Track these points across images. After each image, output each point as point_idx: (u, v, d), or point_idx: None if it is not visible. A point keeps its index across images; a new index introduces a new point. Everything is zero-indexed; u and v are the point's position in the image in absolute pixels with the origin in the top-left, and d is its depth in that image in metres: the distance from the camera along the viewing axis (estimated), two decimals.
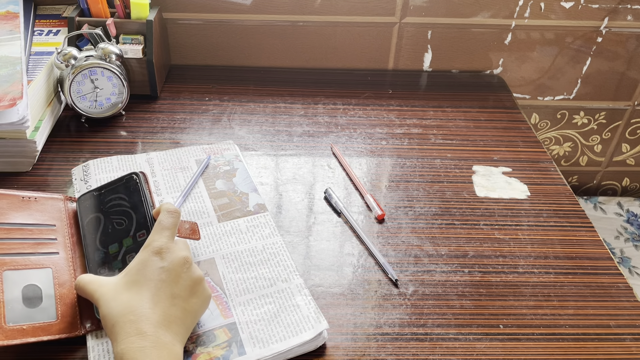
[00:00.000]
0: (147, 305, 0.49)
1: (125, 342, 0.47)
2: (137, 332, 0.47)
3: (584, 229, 0.74)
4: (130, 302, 0.49)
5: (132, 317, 0.48)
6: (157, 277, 0.51)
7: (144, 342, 0.46)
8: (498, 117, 0.95)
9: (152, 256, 0.53)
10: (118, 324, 0.48)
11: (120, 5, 0.89)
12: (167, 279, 0.51)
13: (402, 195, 0.78)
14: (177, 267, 0.52)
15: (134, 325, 0.47)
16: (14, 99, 0.72)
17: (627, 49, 1.08)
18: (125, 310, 0.49)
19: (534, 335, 0.60)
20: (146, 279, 0.51)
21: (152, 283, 0.51)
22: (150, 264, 0.52)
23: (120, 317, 0.48)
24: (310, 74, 1.05)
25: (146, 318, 0.48)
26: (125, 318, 0.48)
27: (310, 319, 0.58)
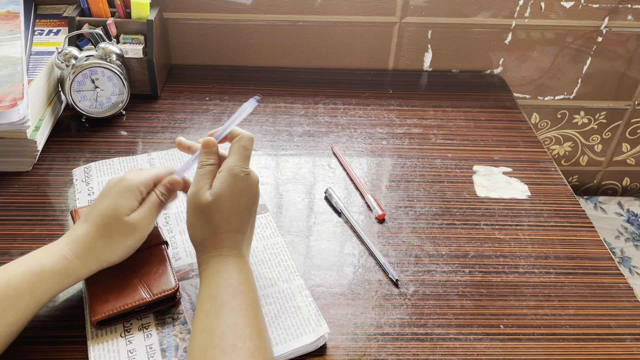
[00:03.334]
0: (233, 226, 0.57)
1: (214, 252, 0.56)
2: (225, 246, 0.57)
3: (585, 229, 0.74)
4: (219, 222, 0.57)
5: (223, 236, 0.57)
6: (242, 199, 0.58)
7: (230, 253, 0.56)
8: (498, 117, 0.95)
9: (240, 178, 0.57)
10: (210, 237, 0.57)
11: (120, 4, 0.89)
12: (248, 203, 0.59)
13: (402, 195, 0.78)
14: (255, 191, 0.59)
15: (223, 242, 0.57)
16: (14, 99, 0.72)
17: (628, 49, 1.08)
18: (217, 228, 0.57)
19: (534, 336, 0.60)
20: (233, 199, 0.57)
21: (238, 205, 0.58)
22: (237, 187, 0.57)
23: (212, 232, 0.57)
24: (311, 73, 1.05)
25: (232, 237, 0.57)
26: (217, 235, 0.57)
27: (310, 322, 0.58)
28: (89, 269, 0.56)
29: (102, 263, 0.57)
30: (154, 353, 0.55)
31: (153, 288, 0.58)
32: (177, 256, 0.65)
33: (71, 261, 0.54)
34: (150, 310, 0.58)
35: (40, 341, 0.57)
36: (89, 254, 0.55)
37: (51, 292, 0.54)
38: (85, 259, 0.55)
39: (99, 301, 0.56)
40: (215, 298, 0.52)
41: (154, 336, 0.56)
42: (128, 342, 0.56)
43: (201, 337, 0.49)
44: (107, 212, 0.56)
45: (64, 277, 0.54)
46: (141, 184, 0.59)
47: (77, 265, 0.55)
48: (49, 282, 0.53)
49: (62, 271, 0.54)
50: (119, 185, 0.58)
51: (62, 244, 0.55)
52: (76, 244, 0.55)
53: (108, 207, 0.57)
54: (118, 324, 0.57)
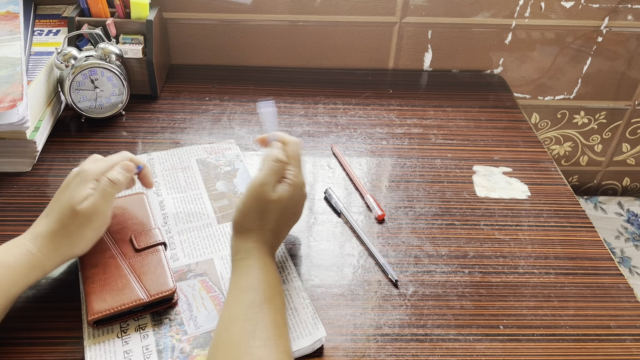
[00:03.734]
0: (278, 228, 0.60)
1: (260, 242, 0.58)
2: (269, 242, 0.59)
3: (585, 229, 0.74)
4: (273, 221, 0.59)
5: (268, 234, 0.59)
6: (294, 208, 0.62)
7: (271, 252, 0.59)
8: (498, 116, 0.95)
9: (299, 187, 0.61)
10: (261, 228, 0.58)
11: (120, 5, 0.89)
12: (296, 212, 0.63)
13: (402, 195, 0.78)
14: (302, 203, 0.64)
15: (269, 239, 0.59)
16: (14, 100, 0.72)
17: (628, 49, 1.08)
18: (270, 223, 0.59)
19: (534, 336, 0.60)
20: (289, 211, 0.61)
21: (290, 214, 0.62)
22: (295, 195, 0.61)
23: (264, 225, 0.59)
24: (311, 73, 1.05)
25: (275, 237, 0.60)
26: (267, 228, 0.59)
27: (307, 325, 0.58)
28: (53, 262, 0.57)
29: (64, 256, 0.57)
30: (150, 354, 0.55)
31: (150, 289, 0.58)
32: (175, 257, 0.65)
33: (35, 255, 0.55)
34: (147, 311, 0.58)
35: (37, 341, 0.57)
36: (50, 247, 0.56)
37: (19, 285, 0.54)
38: (48, 253, 0.56)
39: (96, 300, 0.56)
40: (258, 291, 0.53)
41: (151, 337, 0.56)
42: (124, 342, 0.56)
43: (243, 326, 0.49)
44: (62, 206, 0.57)
45: (30, 270, 0.55)
46: (98, 172, 0.59)
47: (42, 259, 0.55)
48: (16, 274, 0.54)
49: (27, 264, 0.54)
50: (77, 178, 0.59)
51: (25, 239, 0.56)
52: (38, 238, 0.56)
53: (63, 200, 0.57)
54: (115, 324, 0.57)
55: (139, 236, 0.63)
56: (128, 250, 0.62)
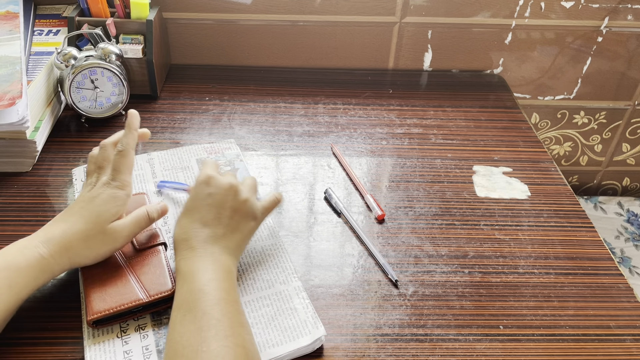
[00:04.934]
0: (197, 226, 0.58)
1: (180, 256, 0.56)
2: (188, 247, 0.56)
3: (585, 229, 0.74)
4: (185, 225, 0.58)
5: (185, 237, 0.57)
6: (205, 202, 0.59)
7: (193, 254, 0.56)
8: (498, 116, 0.95)
9: (200, 185, 0.61)
10: (176, 242, 0.58)
11: (120, 5, 0.89)
12: (213, 203, 0.59)
13: (402, 195, 0.78)
14: (222, 192, 0.60)
15: (186, 242, 0.57)
16: (13, 98, 0.72)
17: (628, 49, 1.08)
18: (180, 232, 0.58)
19: (534, 336, 0.60)
20: (196, 204, 0.59)
21: (201, 207, 0.59)
22: (199, 192, 0.60)
23: (177, 238, 0.58)
24: (311, 73, 1.05)
25: (195, 236, 0.57)
26: (180, 238, 0.58)
27: (307, 324, 0.58)
28: (62, 267, 0.56)
29: (73, 264, 0.57)
30: (150, 354, 0.55)
31: (150, 289, 0.58)
32: None
33: (46, 259, 0.55)
34: (147, 311, 0.58)
35: (37, 341, 0.57)
36: (63, 254, 0.56)
37: (28, 287, 0.54)
38: (59, 258, 0.56)
39: (96, 300, 0.56)
40: (182, 305, 0.52)
41: (151, 337, 0.56)
42: (124, 342, 0.56)
43: (168, 347, 0.49)
44: (89, 218, 0.57)
45: (39, 273, 0.55)
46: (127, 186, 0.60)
47: (52, 263, 0.55)
48: (26, 277, 0.54)
49: (37, 267, 0.54)
50: (106, 194, 0.59)
51: (37, 241, 0.56)
52: (52, 243, 0.56)
53: (92, 214, 0.57)
54: (115, 324, 0.57)
55: (140, 236, 0.63)
56: (128, 250, 0.62)
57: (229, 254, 0.58)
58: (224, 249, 0.57)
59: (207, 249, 0.56)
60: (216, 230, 0.58)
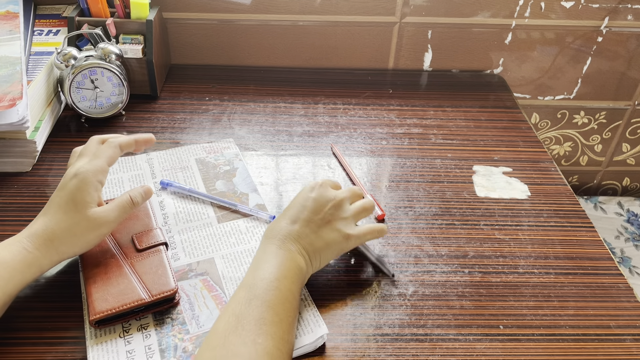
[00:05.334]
0: (286, 222, 0.60)
1: (263, 239, 0.60)
2: (272, 236, 0.59)
3: (585, 229, 0.74)
4: (278, 219, 0.61)
5: (272, 227, 0.60)
6: (303, 202, 0.61)
7: (273, 244, 0.58)
8: (498, 116, 0.95)
9: (306, 189, 0.63)
10: (265, 232, 0.60)
11: (120, 5, 0.89)
12: (309, 206, 0.61)
13: (402, 195, 0.78)
14: (323, 200, 0.61)
15: (271, 232, 0.60)
16: (13, 99, 0.72)
17: (628, 49, 1.08)
18: (272, 224, 0.61)
19: (534, 336, 0.60)
20: (294, 203, 0.62)
21: (297, 206, 0.61)
22: (302, 194, 0.63)
23: (267, 228, 0.61)
24: (311, 73, 1.05)
25: (280, 229, 0.59)
26: (269, 228, 0.60)
27: (309, 322, 0.58)
28: (50, 260, 0.56)
29: (62, 255, 0.57)
30: (153, 353, 0.55)
31: (152, 289, 0.58)
32: (176, 256, 0.65)
33: (31, 252, 0.55)
34: (149, 310, 0.58)
35: (38, 341, 0.57)
36: (48, 245, 0.56)
37: (15, 282, 0.54)
38: (45, 250, 0.56)
39: (98, 301, 0.56)
40: (252, 288, 0.53)
41: (153, 336, 0.56)
42: (127, 342, 0.56)
43: (227, 321, 0.50)
44: (67, 206, 0.57)
45: (26, 268, 0.55)
46: (97, 172, 0.59)
47: (38, 257, 0.55)
48: (12, 271, 0.54)
49: (24, 262, 0.55)
50: (76, 179, 0.58)
51: (21, 237, 0.56)
52: (35, 236, 0.56)
53: (67, 202, 0.57)
54: (117, 324, 0.57)
55: (141, 236, 0.64)
56: (130, 250, 0.62)
57: (302, 254, 0.58)
58: (301, 249, 0.58)
59: (286, 243, 0.58)
60: (302, 231, 0.59)
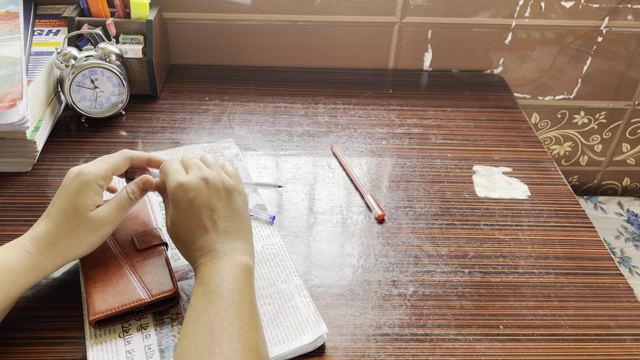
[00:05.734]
0: (199, 234, 0.57)
1: (195, 264, 0.56)
2: (200, 254, 0.56)
3: (585, 229, 0.74)
4: (187, 238, 0.57)
5: (193, 247, 0.57)
6: (191, 208, 0.57)
7: (206, 258, 0.55)
8: (498, 116, 0.95)
9: (177, 194, 0.57)
10: (190, 256, 0.57)
11: (120, 5, 0.89)
12: (199, 205, 0.57)
13: (402, 195, 0.78)
14: (199, 190, 0.57)
15: (197, 251, 0.56)
16: (13, 99, 0.72)
17: (628, 49, 1.08)
18: (186, 246, 0.57)
19: (534, 336, 0.60)
20: (185, 216, 0.57)
21: (191, 215, 0.57)
22: (179, 202, 0.57)
23: (188, 252, 0.57)
24: (311, 73, 1.05)
25: (202, 242, 0.56)
26: (190, 250, 0.57)
27: (309, 322, 0.58)
28: (54, 264, 0.56)
29: (66, 258, 0.57)
30: (153, 353, 0.55)
31: (152, 289, 0.58)
32: (176, 256, 0.65)
33: (35, 256, 0.55)
34: (149, 311, 0.58)
35: (38, 341, 0.57)
36: (51, 249, 0.56)
37: (18, 285, 0.54)
38: (49, 254, 0.55)
39: (98, 301, 0.56)
40: (195, 307, 0.52)
41: (153, 336, 0.56)
42: (127, 342, 0.56)
43: (181, 344, 0.49)
44: (67, 209, 0.57)
45: (29, 271, 0.54)
46: (99, 177, 0.58)
47: (42, 260, 0.55)
48: (16, 275, 0.54)
49: (27, 265, 0.54)
50: (77, 180, 0.58)
51: (25, 240, 0.56)
52: (38, 240, 0.56)
53: (68, 204, 0.57)
54: (117, 324, 0.57)
55: (141, 236, 0.63)
56: (130, 250, 0.62)
57: (241, 249, 0.56)
58: (235, 246, 0.56)
59: (217, 250, 0.55)
60: (218, 227, 0.56)
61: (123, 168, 0.62)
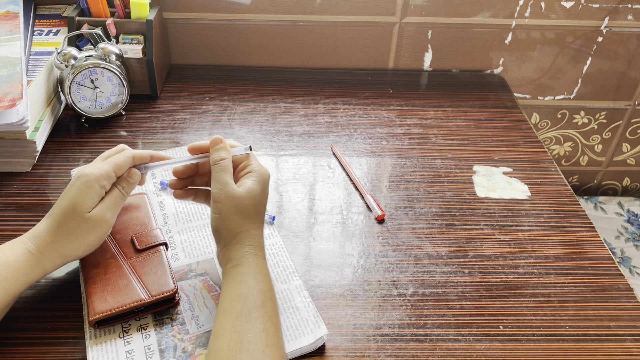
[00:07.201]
0: (260, 225, 0.59)
1: (248, 248, 0.57)
2: (256, 244, 0.58)
3: (585, 229, 0.74)
4: (255, 219, 0.58)
5: (255, 232, 0.58)
6: (265, 202, 0.60)
7: (260, 253, 0.57)
8: (498, 116, 0.95)
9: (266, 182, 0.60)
10: (245, 233, 0.57)
11: (120, 5, 0.89)
12: (265, 204, 0.60)
13: (402, 195, 0.78)
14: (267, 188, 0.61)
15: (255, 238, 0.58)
16: (13, 99, 0.72)
17: (628, 49, 1.08)
18: (251, 224, 0.58)
19: (534, 336, 0.60)
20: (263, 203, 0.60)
21: (264, 207, 0.60)
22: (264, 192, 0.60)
23: (247, 229, 0.58)
24: (311, 73, 1.05)
25: (260, 235, 0.59)
26: (251, 232, 0.58)
27: (309, 323, 0.58)
28: (54, 263, 0.57)
29: (65, 258, 0.58)
30: (152, 354, 0.55)
31: (152, 289, 0.58)
32: (176, 257, 0.65)
33: (34, 254, 0.55)
34: (149, 311, 0.58)
35: (38, 341, 0.57)
36: (51, 249, 0.56)
37: (19, 283, 0.54)
38: (48, 253, 0.56)
39: (98, 301, 0.56)
40: (247, 299, 0.52)
41: (153, 337, 0.56)
42: (126, 342, 0.56)
43: (231, 339, 0.49)
44: (66, 210, 0.57)
45: (29, 269, 0.55)
46: (101, 177, 0.59)
47: (42, 259, 0.56)
48: (16, 273, 0.54)
49: (27, 263, 0.55)
50: (79, 181, 0.58)
51: (25, 239, 0.56)
52: (38, 239, 0.56)
53: (67, 205, 0.57)
54: (116, 325, 0.57)
55: (140, 236, 0.63)
56: (129, 250, 0.62)
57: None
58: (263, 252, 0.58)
59: (262, 249, 0.58)
60: (260, 229, 0.59)
61: (125, 167, 0.61)
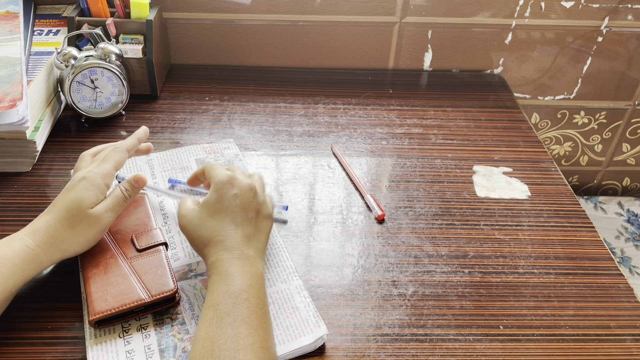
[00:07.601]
0: (230, 227, 0.58)
1: (216, 255, 0.56)
2: (225, 248, 0.56)
3: (585, 229, 0.74)
4: (216, 226, 0.58)
5: (220, 238, 0.57)
6: (233, 202, 0.59)
7: (231, 255, 0.56)
8: (498, 116, 0.95)
9: (226, 186, 0.60)
10: (210, 243, 0.57)
11: (120, 4, 0.89)
12: (240, 204, 0.59)
13: (402, 195, 0.78)
14: (246, 192, 0.60)
15: (222, 244, 0.57)
16: (13, 100, 0.72)
17: (628, 49, 1.08)
18: (214, 233, 0.58)
19: (534, 336, 0.60)
20: (225, 206, 0.59)
21: (230, 208, 0.59)
22: (226, 193, 0.60)
23: (212, 239, 0.57)
24: (311, 73, 1.05)
25: (230, 237, 0.57)
26: (216, 239, 0.57)
27: (309, 323, 0.58)
28: (51, 258, 0.57)
29: (63, 253, 0.58)
30: (152, 353, 0.55)
31: (152, 289, 0.58)
32: (176, 257, 0.65)
33: (32, 249, 0.56)
34: (149, 311, 0.58)
35: (37, 341, 0.57)
36: (50, 243, 0.57)
37: (15, 279, 0.55)
38: (46, 248, 0.56)
39: (98, 301, 0.56)
40: (219, 306, 0.52)
41: (153, 336, 0.56)
42: (126, 342, 0.56)
43: (202, 346, 0.49)
44: (71, 205, 0.58)
45: (26, 263, 0.55)
46: (105, 176, 0.61)
47: (39, 253, 0.56)
48: (13, 268, 0.54)
49: (24, 258, 0.55)
50: (84, 180, 0.60)
51: (23, 234, 0.57)
52: (38, 234, 0.57)
53: (72, 201, 0.58)
54: (116, 324, 0.57)
55: (140, 236, 0.64)
56: (129, 250, 0.62)
57: (260, 257, 0.59)
58: (256, 252, 0.58)
59: (244, 250, 0.57)
60: (247, 230, 0.59)
61: (123, 162, 0.64)
